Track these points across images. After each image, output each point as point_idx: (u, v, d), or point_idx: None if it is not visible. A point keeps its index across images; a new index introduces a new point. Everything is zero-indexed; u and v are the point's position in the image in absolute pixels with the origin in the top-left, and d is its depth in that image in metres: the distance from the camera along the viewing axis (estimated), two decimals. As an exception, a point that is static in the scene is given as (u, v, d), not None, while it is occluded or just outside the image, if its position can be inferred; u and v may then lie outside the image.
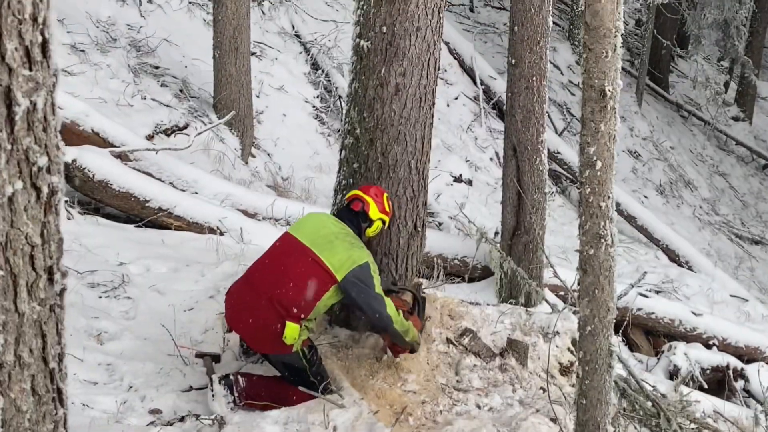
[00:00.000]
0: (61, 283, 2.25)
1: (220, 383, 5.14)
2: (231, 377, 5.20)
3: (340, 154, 5.85)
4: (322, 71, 12.16)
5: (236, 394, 5.14)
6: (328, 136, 11.26)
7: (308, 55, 12.41)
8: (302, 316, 4.94)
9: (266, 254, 5.24)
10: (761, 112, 22.71)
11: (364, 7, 5.45)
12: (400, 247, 5.79)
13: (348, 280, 4.99)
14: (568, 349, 6.69)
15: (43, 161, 2.06)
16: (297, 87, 11.60)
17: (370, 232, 5.39)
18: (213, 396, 5.09)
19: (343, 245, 5.05)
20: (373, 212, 5.32)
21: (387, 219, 5.42)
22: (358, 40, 5.53)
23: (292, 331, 4.90)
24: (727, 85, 22.90)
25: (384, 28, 5.37)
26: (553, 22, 16.18)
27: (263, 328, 4.97)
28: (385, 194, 5.41)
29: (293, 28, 12.78)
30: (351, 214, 5.33)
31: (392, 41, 5.38)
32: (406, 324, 5.26)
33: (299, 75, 11.91)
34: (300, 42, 12.61)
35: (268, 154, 10.25)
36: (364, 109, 5.55)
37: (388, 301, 5.09)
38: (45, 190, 2.10)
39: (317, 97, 11.74)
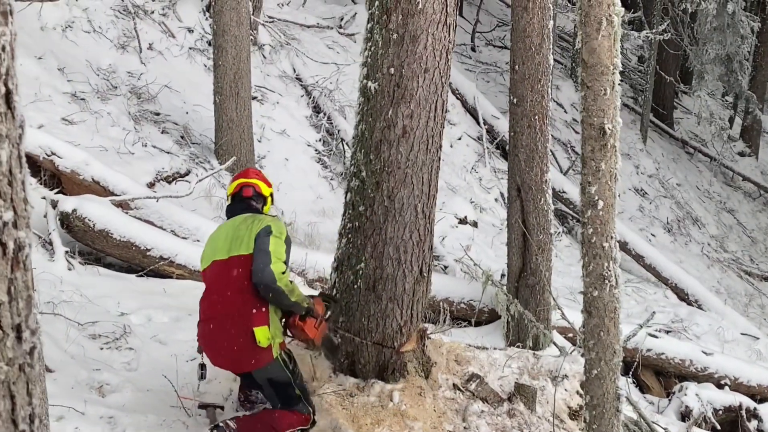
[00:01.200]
0: (30, 341, 2.15)
1: None
2: (221, 425, 5.09)
3: (346, 197, 5.77)
4: (324, 114, 12.15)
5: None
6: (331, 179, 11.22)
7: (310, 98, 12.42)
8: (263, 309, 4.97)
9: (205, 291, 5.24)
10: (767, 147, 22.67)
11: (372, 48, 5.39)
12: (406, 293, 5.69)
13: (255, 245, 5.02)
14: (577, 392, 6.59)
15: (8, 216, 1.97)
16: (299, 131, 11.58)
17: (267, 210, 5.46)
18: (208, 448, 5.00)
19: (246, 232, 5.08)
20: (265, 189, 5.45)
21: (271, 189, 5.58)
22: (365, 81, 5.46)
23: (262, 333, 4.95)
24: (732, 120, 22.90)
25: (392, 70, 5.30)
26: (555, 60, 16.16)
27: (238, 346, 4.99)
28: (258, 170, 5.60)
29: (294, 71, 12.80)
30: (244, 203, 5.38)
31: (400, 83, 5.31)
32: (290, 285, 5.04)
33: (301, 118, 11.90)
34: (301, 85, 12.62)
35: (271, 200, 10.21)
36: (370, 151, 5.46)
37: (275, 259, 4.93)
38: (11, 245, 2.01)
39: (319, 140, 11.72)
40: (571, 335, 8.45)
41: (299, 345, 5.75)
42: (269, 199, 5.52)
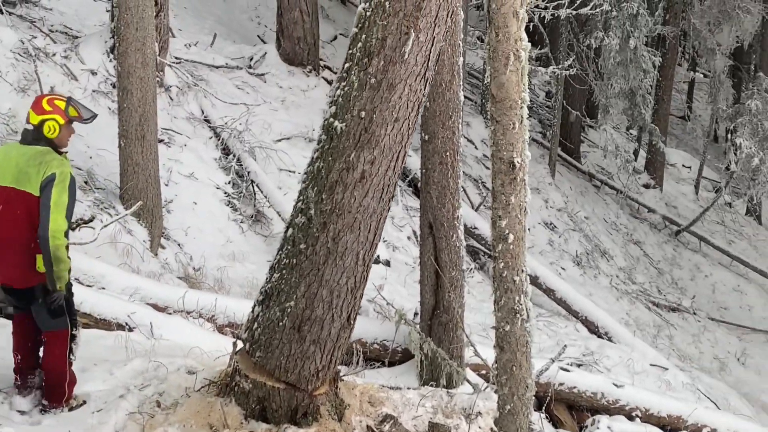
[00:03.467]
0: None
1: None
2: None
3: (286, 232, 5.68)
4: (234, 156, 12.01)
5: None
6: (241, 222, 11.08)
7: (219, 139, 12.28)
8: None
9: None
10: (671, 179, 23.26)
11: (346, 89, 5.32)
12: (330, 338, 5.64)
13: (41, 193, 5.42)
14: (491, 429, 6.60)
15: None
16: (207, 173, 11.43)
17: (50, 135, 5.60)
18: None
19: (35, 172, 5.43)
20: (33, 118, 5.58)
21: (55, 117, 5.61)
22: (332, 119, 5.38)
23: (40, 260, 5.46)
24: (636, 153, 23.47)
25: (362, 113, 5.24)
26: (466, 97, 16.38)
27: (20, 269, 5.51)
28: (45, 97, 5.70)
29: (202, 112, 12.67)
30: (34, 133, 5.61)
31: (368, 128, 5.26)
32: (66, 262, 5.46)
33: (209, 161, 11.75)
34: (210, 127, 12.48)
35: (179, 245, 10.01)
36: (324, 190, 5.40)
37: (60, 218, 5.36)
38: None
39: (229, 182, 11.56)
40: (484, 372, 8.47)
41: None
42: (45, 126, 5.57)
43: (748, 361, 15.69)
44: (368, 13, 5.26)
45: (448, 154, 8.00)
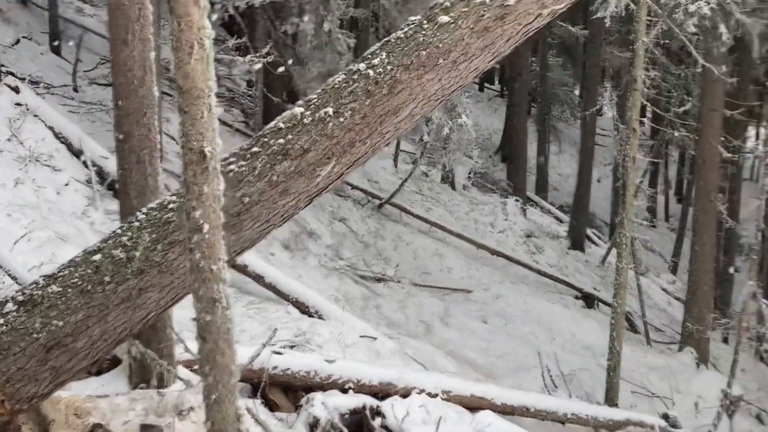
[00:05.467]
0: None
1: None
2: None
3: (93, 254, 5.27)
4: None
5: None
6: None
7: None
8: None
9: None
10: (370, 155, 24.12)
11: (243, 169, 5.08)
12: (69, 371, 5.25)
13: None
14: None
15: None
16: None
17: None
18: None
19: None
20: None
21: None
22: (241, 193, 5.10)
23: None
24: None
25: (245, 200, 5.03)
26: (164, 93, 16.17)
27: None
28: None
29: None
30: None
31: (241, 214, 5.05)
32: None
33: None
34: None
35: None
36: (161, 241, 5.12)
37: None
38: None
39: None
40: (197, 367, 8.50)
41: None
42: None
43: (450, 320, 16.65)
44: (305, 120, 5.13)
45: (145, 152, 7.87)
